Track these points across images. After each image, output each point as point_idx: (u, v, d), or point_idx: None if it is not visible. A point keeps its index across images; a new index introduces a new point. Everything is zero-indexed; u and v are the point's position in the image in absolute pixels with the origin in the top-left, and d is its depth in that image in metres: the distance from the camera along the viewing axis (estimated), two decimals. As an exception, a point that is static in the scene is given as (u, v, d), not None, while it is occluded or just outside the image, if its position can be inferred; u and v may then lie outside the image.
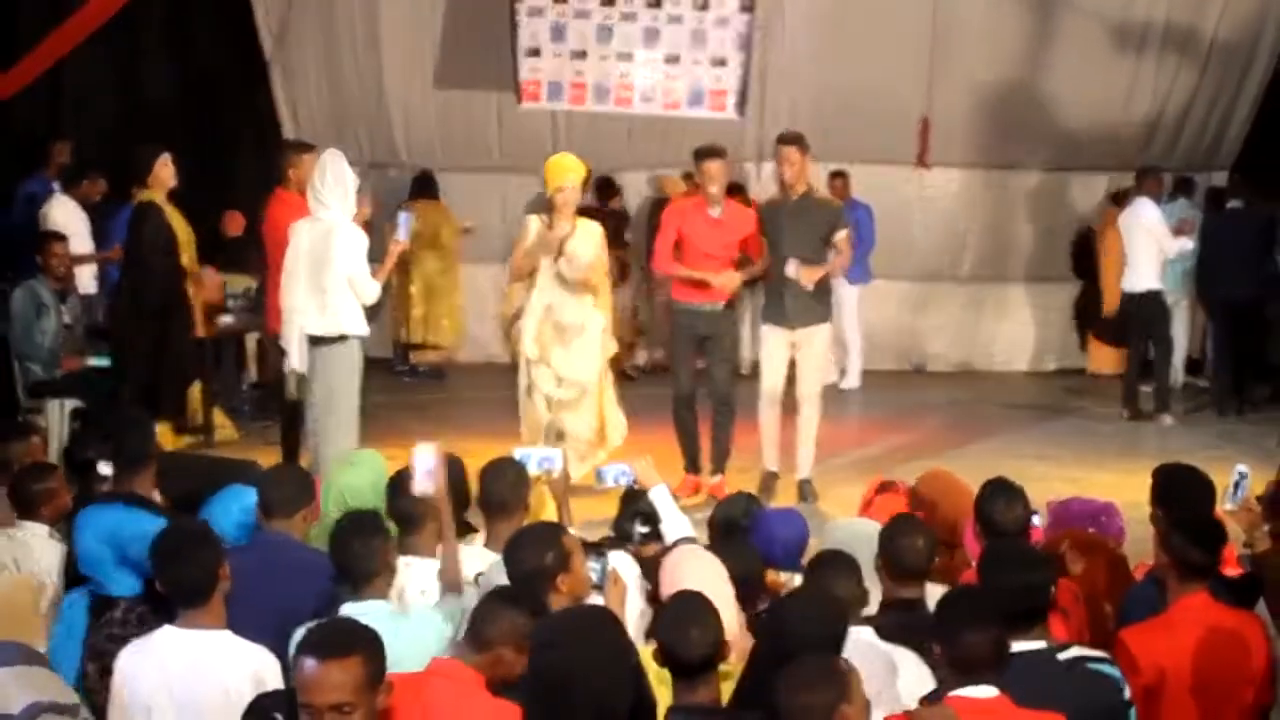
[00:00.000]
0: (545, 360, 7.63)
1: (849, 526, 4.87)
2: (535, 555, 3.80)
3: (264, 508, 4.52)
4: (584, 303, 7.67)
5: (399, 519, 4.49)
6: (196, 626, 3.70)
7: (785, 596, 3.92)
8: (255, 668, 3.64)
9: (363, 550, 3.92)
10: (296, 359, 6.92)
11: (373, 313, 7.01)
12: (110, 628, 4.41)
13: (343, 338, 6.80)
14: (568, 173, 7.63)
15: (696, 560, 4.17)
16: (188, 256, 8.20)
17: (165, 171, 7.94)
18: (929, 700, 3.43)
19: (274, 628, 3.89)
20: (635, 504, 4.96)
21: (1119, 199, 11.47)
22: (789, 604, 3.64)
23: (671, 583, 4.02)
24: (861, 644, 3.68)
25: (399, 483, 4.55)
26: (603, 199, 11.97)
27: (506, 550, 3.90)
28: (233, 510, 4.77)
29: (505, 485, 4.63)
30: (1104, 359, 12.08)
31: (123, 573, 4.46)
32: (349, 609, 3.89)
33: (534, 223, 7.68)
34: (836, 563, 3.97)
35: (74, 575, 4.77)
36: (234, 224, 11.17)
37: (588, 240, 7.61)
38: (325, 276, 6.73)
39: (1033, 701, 3.30)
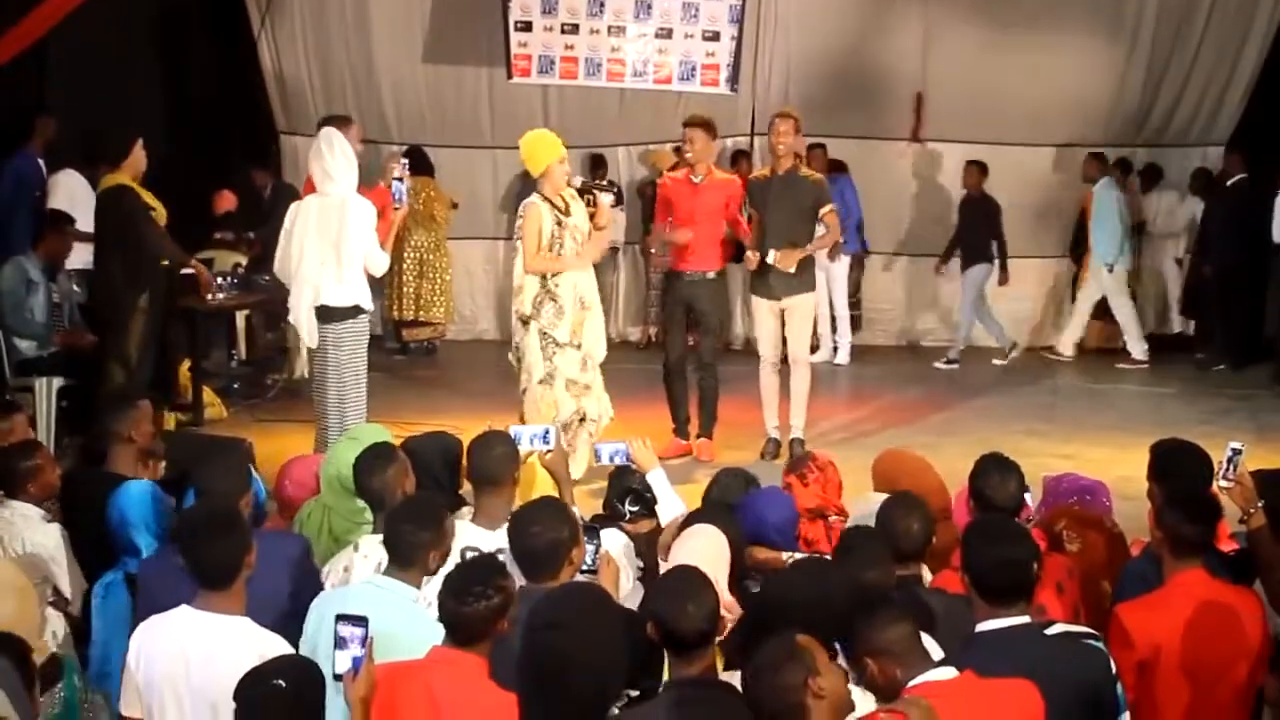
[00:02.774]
0: (577, 342, 7.44)
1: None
2: (553, 529, 3.80)
3: (200, 496, 4.42)
4: (593, 276, 7.65)
5: (369, 500, 4.49)
6: (215, 610, 3.64)
7: (791, 569, 3.89)
8: (272, 655, 3.53)
9: (409, 538, 3.87)
10: (307, 334, 6.93)
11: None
12: None
13: (356, 310, 6.86)
14: (557, 147, 7.50)
15: (700, 538, 4.14)
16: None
17: (141, 155, 7.90)
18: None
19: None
20: (624, 481, 4.97)
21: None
22: (795, 576, 3.64)
23: (676, 559, 4.02)
24: None
25: (365, 462, 4.52)
26: (595, 176, 11.98)
27: (518, 525, 3.86)
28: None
29: (493, 459, 4.56)
30: (1092, 334, 12.17)
31: (158, 546, 4.43)
32: (376, 581, 3.89)
33: (544, 210, 7.37)
34: (869, 546, 3.93)
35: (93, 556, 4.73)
36: (225, 201, 11.14)
37: (582, 213, 7.57)
38: (343, 249, 6.77)
39: (1017, 675, 3.28)
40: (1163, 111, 12.27)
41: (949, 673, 3.25)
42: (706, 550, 4.01)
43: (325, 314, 6.85)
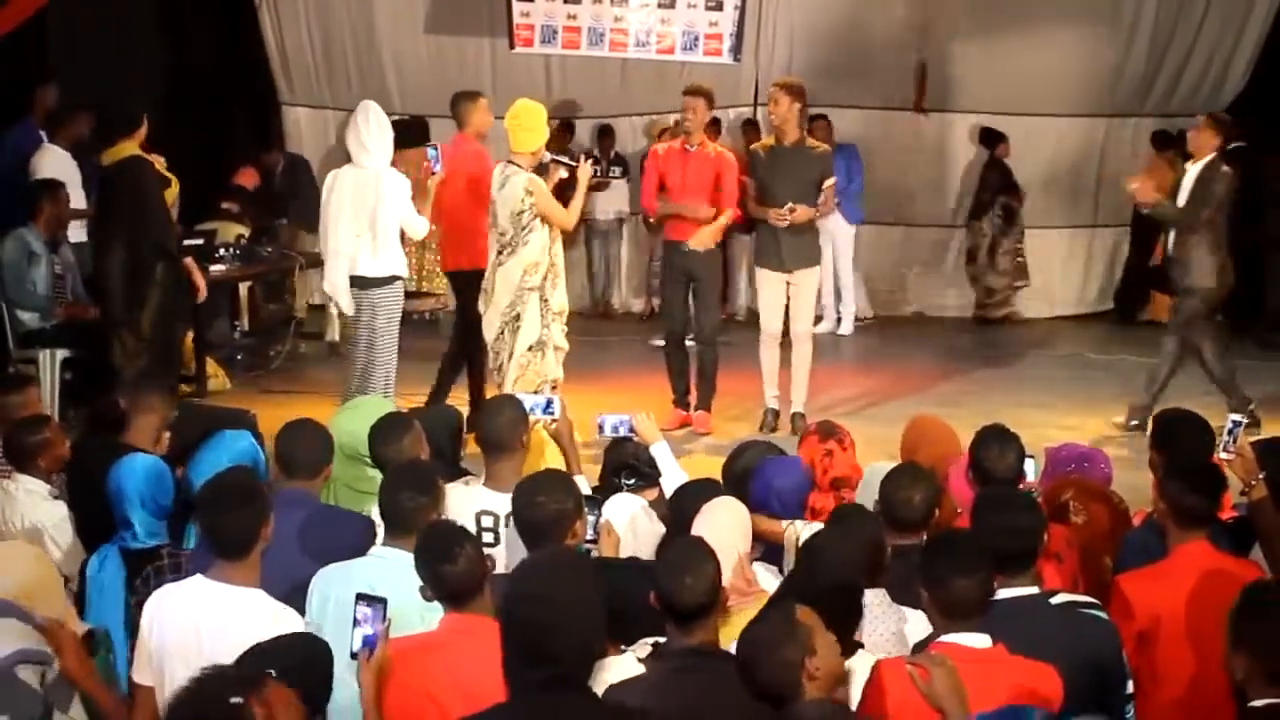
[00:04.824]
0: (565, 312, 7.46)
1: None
2: (558, 500, 3.81)
3: (285, 467, 4.43)
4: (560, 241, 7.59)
5: (381, 467, 4.50)
6: (231, 581, 3.64)
7: (819, 536, 3.93)
8: (285, 629, 3.56)
9: (409, 504, 3.88)
10: (346, 302, 7.06)
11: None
12: (161, 576, 4.25)
13: (392, 278, 7.02)
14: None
15: (722, 511, 4.13)
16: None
17: (147, 127, 7.91)
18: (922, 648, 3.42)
19: (290, 587, 3.85)
20: (618, 454, 5.00)
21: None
22: (826, 544, 3.71)
23: (697, 532, 3.99)
24: (871, 604, 3.70)
25: (381, 430, 4.53)
26: (603, 146, 11.98)
27: (522, 496, 3.88)
28: (223, 460, 4.72)
29: (503, 424, 4.63)
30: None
31: (153, 522, 4.43)
32: (377, 553, 3.90)
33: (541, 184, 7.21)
34: (858, 518, 3.96)
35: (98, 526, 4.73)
36: (247, 178, 11.17)
37: None
38: (377, 221, 6.90)
39: (1025, 645, 3.30)
40: (1167, 80, 12.23)
41: (983, 640, 3.26)
42: (728, 523, 4.02)
43: (362, 283, 7.00)
